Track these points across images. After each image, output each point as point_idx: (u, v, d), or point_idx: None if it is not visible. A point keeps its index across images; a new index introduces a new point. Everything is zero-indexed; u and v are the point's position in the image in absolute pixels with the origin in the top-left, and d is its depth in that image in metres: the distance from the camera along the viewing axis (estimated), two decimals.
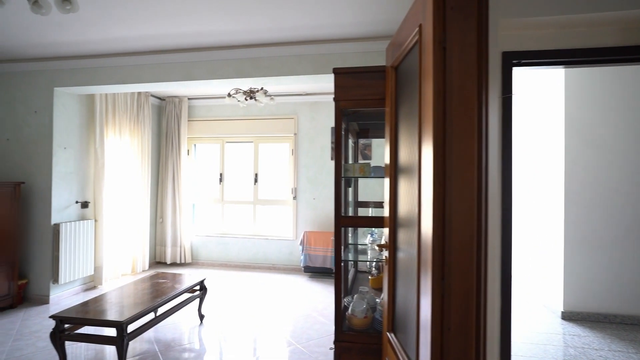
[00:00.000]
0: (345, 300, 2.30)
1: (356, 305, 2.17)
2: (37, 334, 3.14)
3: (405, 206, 1.64)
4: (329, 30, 3.11)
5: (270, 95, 4.43)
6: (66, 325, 2.52)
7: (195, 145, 5.94)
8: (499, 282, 1.90)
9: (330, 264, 4.91)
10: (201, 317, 3.47)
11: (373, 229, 2.55)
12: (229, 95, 4.34)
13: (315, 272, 5.10)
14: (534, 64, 2.12)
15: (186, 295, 3.71)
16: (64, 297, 4.08)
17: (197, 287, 3.44)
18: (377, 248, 1.98)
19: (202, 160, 6.00)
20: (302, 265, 5.04)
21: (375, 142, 5.19)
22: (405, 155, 1.64)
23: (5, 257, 3.68)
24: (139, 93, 5.09)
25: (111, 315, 2.46)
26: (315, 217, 5.37)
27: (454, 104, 1.14)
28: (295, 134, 5.44)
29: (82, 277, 4.27)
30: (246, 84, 3.77)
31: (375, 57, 3.31)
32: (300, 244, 5.08)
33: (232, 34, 3.20)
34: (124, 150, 4.86)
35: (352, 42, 3.29)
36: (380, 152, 5.17)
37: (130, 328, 2.69)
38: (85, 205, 4.35)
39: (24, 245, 4.00)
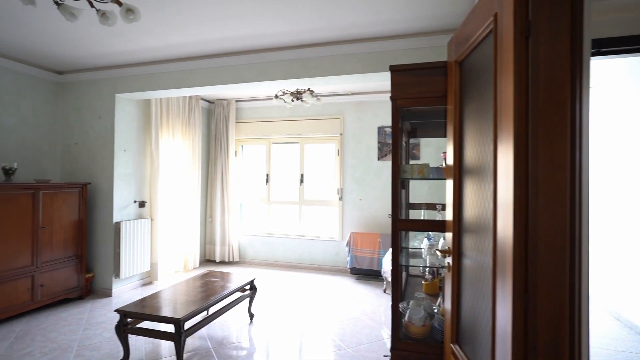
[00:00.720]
0: (400, 306, 2.21)
1: (413, 313, 2.08)
2: (103, 325, 3.35)
3: (473, 210, 1.53)
4: (380, 28, 3.03)
5: (316, 96, 4.42)
6: (128, 319, 2.65)
7: (242, 146, 6.08)
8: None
9: (377, 266, 4.80)
10: (251, 316, 3.52)
11: (429, 232, 2.44)
12: (276, 96, 4.38)
13: (361, 274, 5.02)
14: (616, 52, 1.91)
15: (237, 294, 3.79)
16: (125, 290, 4.33)
17: (247, 287, 3.50)
18: (438, 254, 1.87)
19: (249, 161, 6.13)
20: (348, 266, 4.99)
21: (423, 141, 5.02)
22: (473, 155, 1.53)
23: (75, 251, 3.97)
24: (190, 97, 5.30)
25: (169, 312, 2.56)
26: (362, 218, 5.28)
27: (541, 99, 1.03)
28: (341, 134, 5.40)
29: (140, 272, 4.51)
30: (294, 84, 3.78)
31: (428, 53, 3.17)
32: (347, 245, 5.03)
33: (282, 35, 3.21)
34: (176, 152, 5.08)
35: (403, 38, 3.18)
36: (429, 151, 4.98)
37: (186, 325, 2.78)
38: (142, 204, 4.59)
39: (90, 242, 4.30)
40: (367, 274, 4.99)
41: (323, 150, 5.65)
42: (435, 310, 2.22)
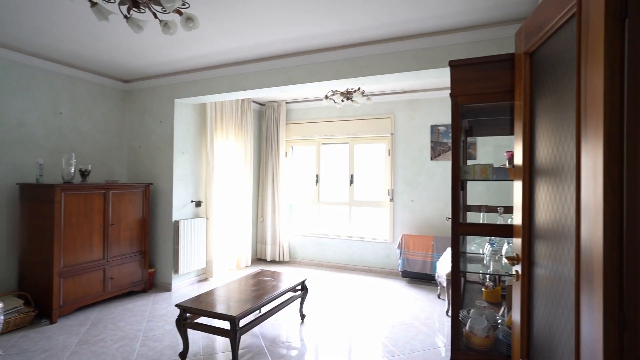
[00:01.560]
0: (459, 314, 2.09)
1: (475, 322, 1.95)
2: (164, 318, 3.55)
3: (547, 214, 1.39)
4: (435, 22, 2.90)
5: (367, 95, 4.35)
6: (187, 314, 2.78)
7: (292, 147, 6.16)
8: None
9: (430, 270, 4.62)
10: (302, 316, 3.54)
11: (493, 237, 2.28)
12: (326, 97, 4.37)
13: (413, 277, 4.86)
14: None
15: (288, 294, 3.84)
16: (182, 286, 4.57)
17: (299, 287, 3.52)
18: (505, 260, 1.74)
19: (299, 162, 6.19)
20: (399, 269, 4.85)
21: (480, 139, 4.76)
22: (547, 155, 1.39)
23: (139, 248, 4.26)
24: (242, 100, 5.46)
25: (225, 310, 2.64)
26: (414, 220, 5.12)
27: None
28: (391, 133, 5.27)
29: (197, 269, 4.73)
30: (344, 84, 3.74)
31: (488, 46, 2.98)
32: (398, 247, 4.89)
33: (332, 36, 3.19)
34: (230, 153, 5.26)
35: (460, 32, 3.02)
36: (486, 150, 4.71)
37: (241, 322, 2.86)
38: (198, 204, 4.81)
39: (152, 239, 4.59)
40: (420, 278, 4.82)
41: (373, 150, 5.55)
42: (499, 321, 2.07)
